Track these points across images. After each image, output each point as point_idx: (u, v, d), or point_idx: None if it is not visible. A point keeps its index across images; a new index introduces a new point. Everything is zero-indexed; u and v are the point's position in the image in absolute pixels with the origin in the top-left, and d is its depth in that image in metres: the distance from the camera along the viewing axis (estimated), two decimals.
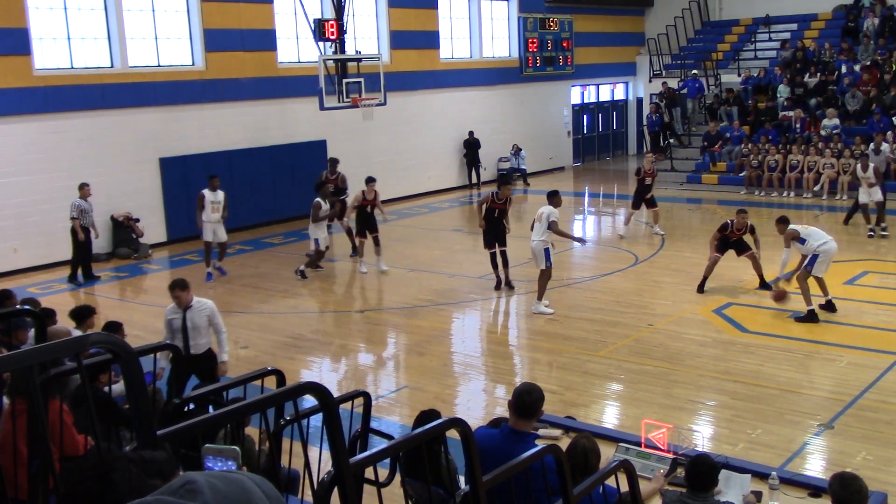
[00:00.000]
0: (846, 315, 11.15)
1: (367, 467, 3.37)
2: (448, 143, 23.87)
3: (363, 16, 21.47)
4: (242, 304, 13.10)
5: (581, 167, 28.53)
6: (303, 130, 19.89)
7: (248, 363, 10.09)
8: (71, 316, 7.98)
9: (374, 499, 3.66)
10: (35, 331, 4.69)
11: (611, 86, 30.47)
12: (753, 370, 9.28)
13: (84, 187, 14.58)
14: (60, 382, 4.35)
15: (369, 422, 5.57)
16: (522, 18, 26.06)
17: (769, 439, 7.50)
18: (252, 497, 1.63)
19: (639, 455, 5.57)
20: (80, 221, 14.36)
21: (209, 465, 2.72)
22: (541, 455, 3.74)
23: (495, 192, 13.03)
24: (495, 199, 12.90)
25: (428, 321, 11.86)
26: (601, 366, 9.65)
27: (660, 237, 16.35)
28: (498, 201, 12.91)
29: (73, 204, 14.45)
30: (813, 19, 26.70)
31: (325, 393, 3.00)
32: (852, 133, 20.96)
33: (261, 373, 4.35)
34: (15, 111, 15.36)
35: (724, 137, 22.90)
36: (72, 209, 14.43)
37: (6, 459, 3.86)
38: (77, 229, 14.33)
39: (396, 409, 8.80)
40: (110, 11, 16.87)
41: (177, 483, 1.62)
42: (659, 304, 12.17)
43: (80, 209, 14.41)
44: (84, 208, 14.48)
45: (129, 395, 2.80)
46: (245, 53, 18.82)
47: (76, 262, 14.66)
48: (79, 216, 14.37)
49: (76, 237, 14.40)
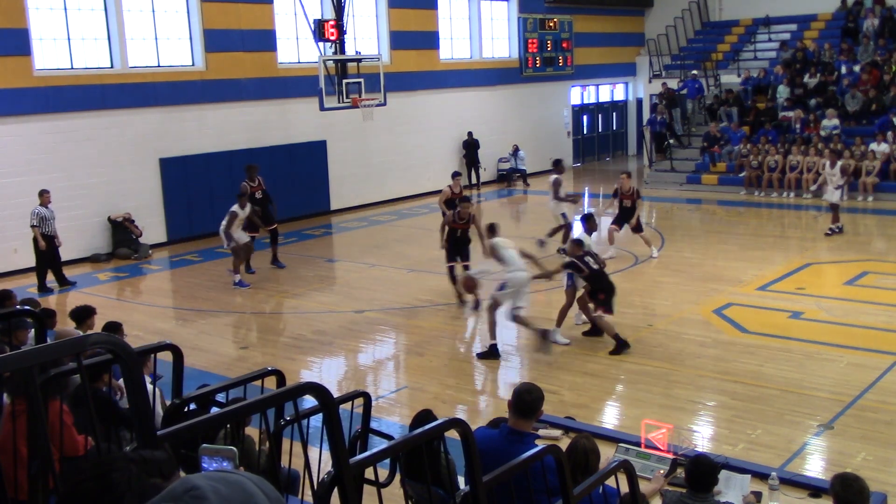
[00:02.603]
0: (846, 315, 11.15)
1: (367, 467, 3.37)
2: (448, 143, 23.87)
3: (363, 16, 21.48)
4: (242, 304, 13.10)
5: (581, 167, 28.53)
6: (303, 131, 19.90)
7: (248, 363, 10.10)
8: (71, 316, 7.99)
9: (374, 499, 3.66)
10: (35, 331, 4.69)
11: (611, 86, 30.48)
12: (753, 370, 9.28)
13: (44, 194, 14.16)
14: (60, 383, 4.35)
15: (369, 422, 5.57)
16: (522, 19, 26.07)
17: (769, 439, 7.50)
18: (254, 499, 1.63)
19: (639, 455, 5.57)
20: (39, 229, 13.97)
21: (205, 466, 2.72)
22: (541, 455, 3.74)
23: (456, 212, 12.35)
24: (456, 219, 12.36)
25: (428, 321, 11.86)
26: (601, 366, 9.65)
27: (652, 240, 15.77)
28: (459, 221, 12.36)
29: (34, 212, 14.04)
30: (813, 20, 26.70)
31: (325, 393, 3.00)
32: (852, 133, 20.97)
33: (261, 373, 4.35)
34: (15, 111, 15.36)
35: (724, 138, 22.89)
36: (32, 217, 14.02)
37: (6, 460, 3.85)
38: (38, 237, 13.94)
39: (396, 409, 8.80)
40: (110, 11, 16.88)
41: (180, 489, 1.61)
42: (659, 304, 12.17)
43: (40, 217, 14.03)
44: (44, 216, 14.08)
45: (129, 395, 2.80)
46: (245, 54, 18.82)
47: (40, 270, 14.25)
48: (39, 224, 13.99)
49: (37, 245, 14.02)
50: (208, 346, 11.01)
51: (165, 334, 10.83)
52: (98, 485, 1.80)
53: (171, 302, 13.99)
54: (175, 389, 4.23)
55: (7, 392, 4.35)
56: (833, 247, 15.40)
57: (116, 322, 7.77)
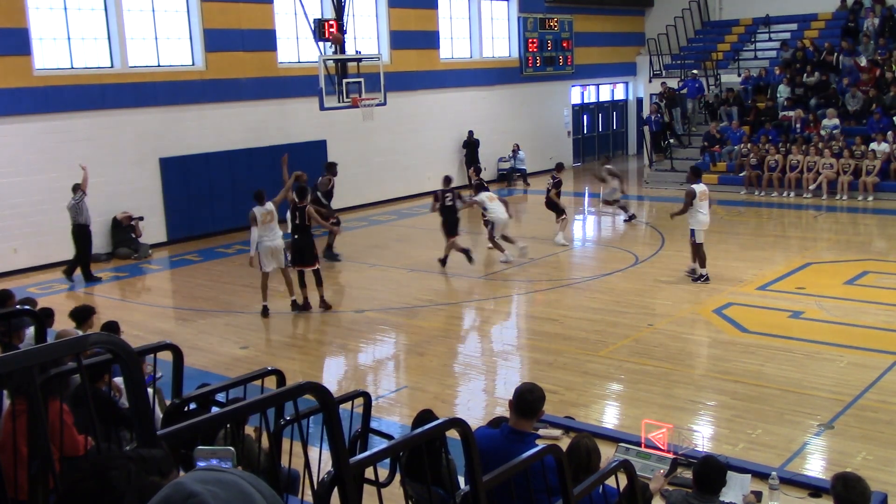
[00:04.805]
0: (846, 315, 11.15)
1: (367, 467, 3.36)
2: (448, 143, 23.87)
3: (363, 16, 21.48)
4: (242, 304, 13.10)
5: (581, 167, 28.53)
6: (303, 130, 19.89)
7: (248, 363, 10.09)
8: (71, 316, 7.98)
9: (374, 499, 3.66)
10: (35, 331, 4.69)
11: (611, 86, 30.47)
12: (753, 370, 9.28)
13: (77, 188, 14.71)
14: (61, 383, 4.35)
15: (369, 422, 5.57)
16: (522, 18, 26.07)
17: (769, 439, 7.50)
18: (252, 498, 1.63)
19: (639, 455, 5.57)
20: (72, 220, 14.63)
21: (200, 466, 2.71)
22: (541, 455, 3.74)
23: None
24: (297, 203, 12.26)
25: (428, 321, 11.86)
26: (601, 366, 9.65)
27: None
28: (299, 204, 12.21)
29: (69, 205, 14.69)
30: (813, 19, 26.69)
31: (325, 393, 3.00)
32: (852, 133, 20.97)
33: (261, 373, 4.34)
34: (15, 111, 15.36)
35: (724, 140, 22.89)
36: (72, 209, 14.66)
37: (6, 460, 3.85)
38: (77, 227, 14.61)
39: (396, 409, 8.80)
40: (110, 11, 16.87)
41: (177, 497, 1.60)
42: (659, 304, 12.17)
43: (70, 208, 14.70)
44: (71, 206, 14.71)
45: (129, 395, 2.80)
46: (245, 53, 18.82)
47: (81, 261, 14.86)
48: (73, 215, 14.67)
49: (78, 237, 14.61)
50: (208, 346, 11.01)
51: (165, 334, 10.83)
52: (97, 483, 1.80)
53: (171, 302, 13.99)
54: (175, 389, 4.22)
55: (7, 392, 4.35)
56: (833, 247, 15.41)
57: (114, 322, 7.77)
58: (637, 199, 22.45)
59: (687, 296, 12.32)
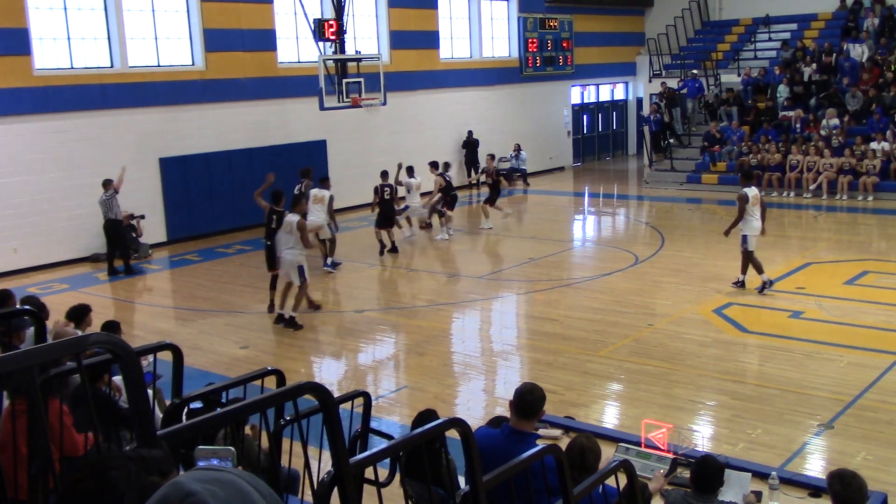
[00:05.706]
0: (846, 315, 11.15)
1: (367, 467, 3.37)
2: (448, 143, 23.86)
3: (363, 16, 21.47)
4: (242, 304, 13.10)
5: (581, 167, 28.53)
6: (303, 130, 19.89)
7: (248, 363, 10.09)
8: (68, 316, 7.97)
9: (374, 499, 3.66)
10: (35, 330, 4.69)
11: (611, 86, 30.47)
12: (753, 370, 9.28)
13: (107, 184, 15.15)
14: (61, 383, 4.35)
15: (369, 422, 5.57)
16: (522, 18, 26.06)
17: (769, 439, 7.50)
18: (250, 497, 1.63)
19: (639, 455, 5.57)
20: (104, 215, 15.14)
21: (201, 465, 2.71)
22: (541, 455, 3.74)
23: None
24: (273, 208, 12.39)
25: (428, 321, 11.86)
26: (601, 366, 9.65)
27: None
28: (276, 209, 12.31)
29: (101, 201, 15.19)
30: (813, 19, 26.70)
31: (325, 393, 3.00)
32: (852, 133, 20.97)
33: (261, 373, 4.34)
34: (15, 111, 15.36)
35: (724, 140, 22.88)
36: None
37: (6, 460, 3.85)
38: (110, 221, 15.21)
39: (396, 409, 8.80)
40: (110, 11, 16.87)
41: (175, 497, 1.59)
42: (659, 304, 12.17)
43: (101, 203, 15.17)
44: (102, 200, 15.15)
45: (129, 395, 2.80)
46: (245, 53, 18.82)
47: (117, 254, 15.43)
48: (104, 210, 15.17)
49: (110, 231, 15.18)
50: (208, 346, 11.01)
51: (165, 334, 10.83)
52: (97, 483, 1.80)
53: (171, 302, 13.99)
54: (175, 389, 4.22)
55: (7, 392, 4.35)
56: (833, 247, 15.40)
57: (114, 321, 7.77)
58: (637, 199, 22.49)
59: (687, 296, 12.32)
